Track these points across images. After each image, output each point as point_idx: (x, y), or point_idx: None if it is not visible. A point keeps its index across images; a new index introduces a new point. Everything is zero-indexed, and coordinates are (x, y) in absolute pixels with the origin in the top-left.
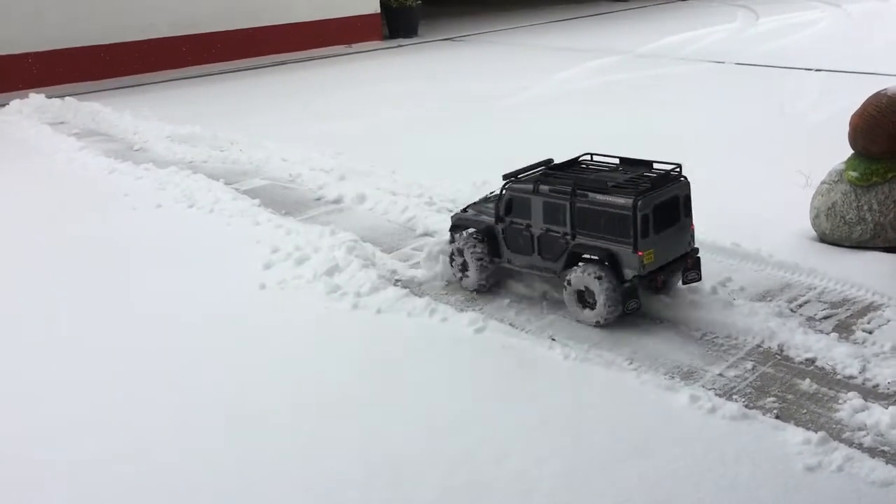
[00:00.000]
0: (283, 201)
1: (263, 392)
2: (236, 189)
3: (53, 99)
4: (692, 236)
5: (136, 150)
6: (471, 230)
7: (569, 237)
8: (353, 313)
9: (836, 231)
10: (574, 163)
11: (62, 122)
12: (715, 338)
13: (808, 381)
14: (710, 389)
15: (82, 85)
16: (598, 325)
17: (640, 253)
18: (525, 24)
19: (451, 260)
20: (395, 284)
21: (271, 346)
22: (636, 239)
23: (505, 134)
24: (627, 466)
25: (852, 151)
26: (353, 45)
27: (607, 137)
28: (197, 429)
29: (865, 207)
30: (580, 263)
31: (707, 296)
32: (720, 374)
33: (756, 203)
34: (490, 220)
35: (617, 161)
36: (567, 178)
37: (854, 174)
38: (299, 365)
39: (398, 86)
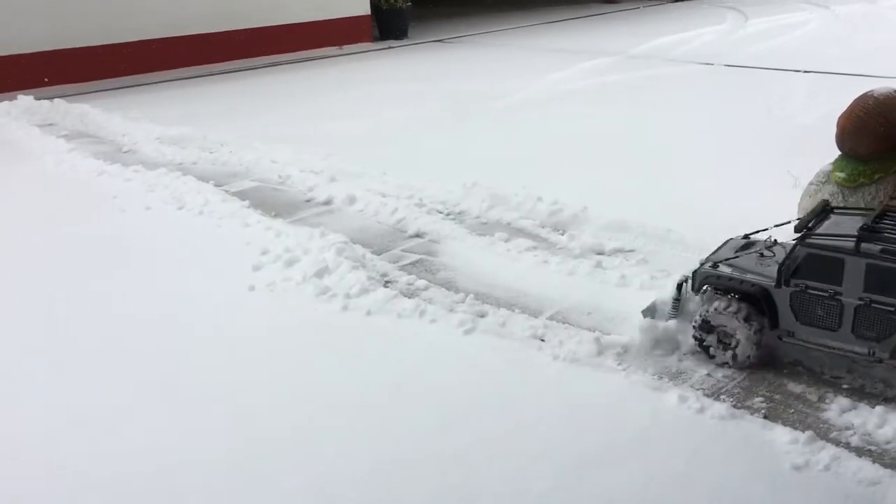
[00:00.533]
0: (273, 203)
1: (253, 394)
2: (226, 191)
3: (42, 101)
4: None
5: (126, 152)
6: (706, 287)
7: None
8: (342, 315)
9: None
10: (884, 214)
11: (51, 124)
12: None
13: (795, 381)
14: (698, 390)
15: (72, 87)
16: None
17: None
18: (516, 26)
19: (703, 329)
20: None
21: (261, 349)
22: None
23: (497, 135)
24: (617, 467)
25: (840, 152)
26: (344, 47)
27: (602, 138)
28: (189, 430)
29: None
30: None
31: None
32: (708, 375)
33: (744, 204)
34: (764, 280)
35: None
36: None
37: (841, 175)
38: (289, 367)
39: (389, 87)
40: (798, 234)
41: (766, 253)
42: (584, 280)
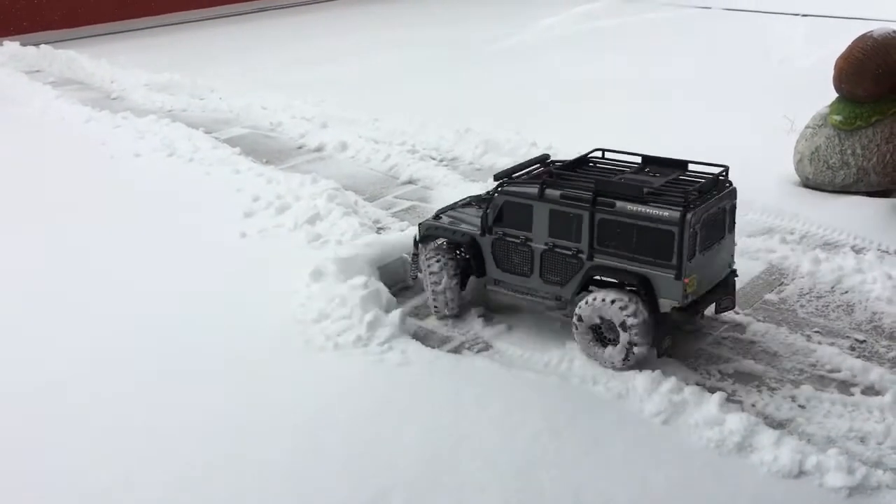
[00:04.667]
0: (264, 150)
1: (245, 341)
2: (216, 137)
3: (28, 47)
4: (732, 255)
5: (114, 99)
6: (441, 241)
7: (583, 256)
8: None
9: (820, 175)
10: (583, 161)
11: (38, 71)
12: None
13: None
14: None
15: (57, 33)
16: (620, 367)
17: (685, 280)
18: None
19: (416, 277)
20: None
21: (252, 295)
22: (681, 262)
23: (490, 81)
24: (606, 411)
25: (837, 95)
26: None
27: (597, 84)
28: (188, 373)
29: (849, 152)
30: (594, 289)
31: None
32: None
33: (740, 148)
34: (472, 230)
35: (639, 160)
36: (584, 180)
37: (838, 118)
38: (279, 313)
39: (379, 33)
40: (497, 182)
41: (483, 204)
42: None
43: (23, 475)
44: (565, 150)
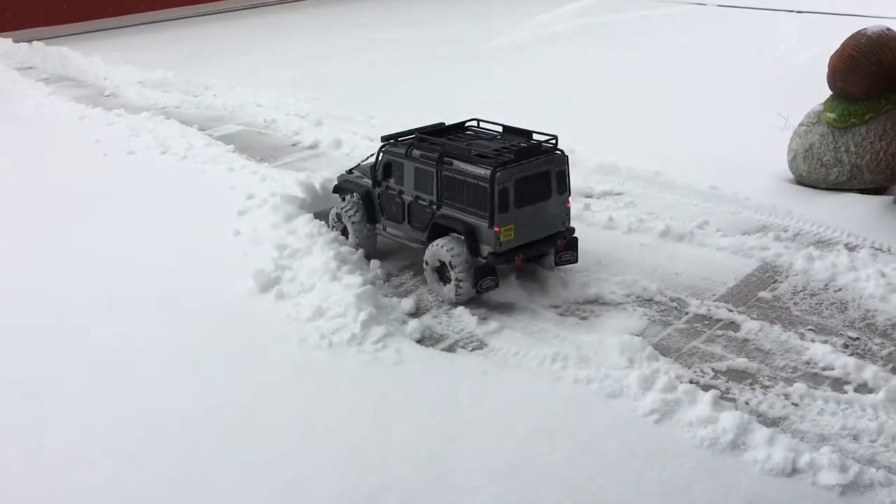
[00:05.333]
0: (259, 147)
1: (236, 337)
2: (210, 135)
3: (21, 43)
4: (567, 214)
5: (108, 96)
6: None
7: (434, 207)
8: None
9: (813, 173)
10: (458, 128)
11: (30, 67)
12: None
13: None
14: None
15: (49, 29)
16: (453, 303)
17: (496, 228)
18: None
19: (333, 225)
20: None
21: (246, 294)
22: (493, 213)
23: (484, 78)
24: (599, 410)
25: (831, 92)
26: None
27: (591, 81)
28: (182, 372)
29: (843, 149)
30: (450, 235)
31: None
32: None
33: (734, 145)
34: (369, 183)
35: (500, 129)
36: (439, 143)
37: (832, 115)
38: (274, 311)
39: (375, 31)
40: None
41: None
42: (572, 223)
43: (21, 473)
44: (561, 146)
